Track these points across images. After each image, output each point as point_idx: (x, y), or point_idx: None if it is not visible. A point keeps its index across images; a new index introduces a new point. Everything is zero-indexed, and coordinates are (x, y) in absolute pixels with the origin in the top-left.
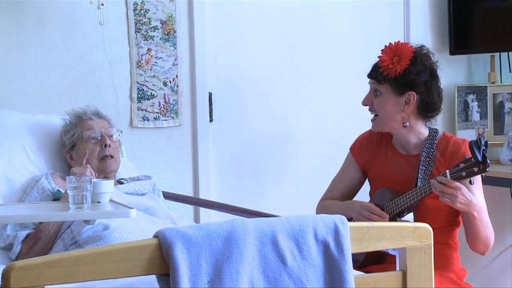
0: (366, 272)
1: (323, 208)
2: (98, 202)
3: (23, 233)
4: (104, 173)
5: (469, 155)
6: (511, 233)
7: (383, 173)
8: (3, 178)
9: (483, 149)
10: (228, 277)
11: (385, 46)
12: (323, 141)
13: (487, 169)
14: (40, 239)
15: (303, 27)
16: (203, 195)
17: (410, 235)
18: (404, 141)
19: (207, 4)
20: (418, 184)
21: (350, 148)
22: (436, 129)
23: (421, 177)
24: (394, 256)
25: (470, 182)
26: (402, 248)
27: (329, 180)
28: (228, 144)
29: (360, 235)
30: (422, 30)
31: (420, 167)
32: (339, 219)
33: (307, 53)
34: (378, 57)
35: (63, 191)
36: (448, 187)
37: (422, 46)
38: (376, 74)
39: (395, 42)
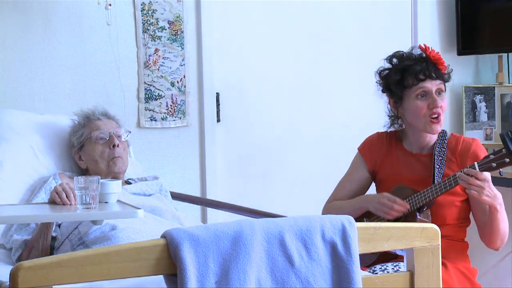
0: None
1: (330, 209)
2: (106, 202)
3: (20, 239)
4: (112, 174)
5: (479, 153)
6: None
7: (394, 174)
8: (11, 178)
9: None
10: (235, 277)
11: (425, 46)
12: (331, 141)
13: None
14: (33, 248)
15: (310, 27)
16: (210, 196)
17: (417, 235)
18: (422, 141)
19: (215, 5)
20: (435, 181)
21: (358, 149)
22: (443, 129)
23: (437, 174)
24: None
25: (500, 173)
26: (409, 248)
27: (337, 180)
28: (236, 144)
29: (368, 235)
30: (430, 30)
31: (435, 165)
32: (347, 220)
33: (315, 53)
34: (432, 56)
35: None
36: (476, 178)
37: None
38: (437, 73)
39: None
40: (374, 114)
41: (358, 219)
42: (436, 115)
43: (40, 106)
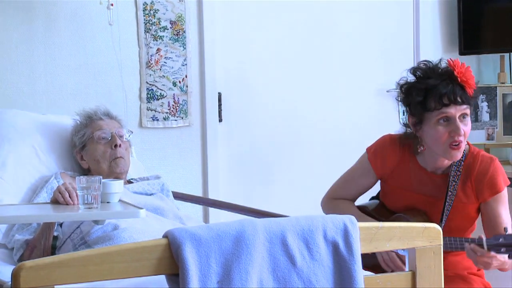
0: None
1: (336, 209)
2: (108, 202)
3: (22, 239)
4: (114, 174)
5: (495, 182)
6: None
7: (404, 188)
8: (13, 178)
9: None
10: (237, 277)
11: (454, 62)
12: (332, 141)
13: None
14: (35, 247)
15: (312, 27)
16: (212, 195)
17: (419, 235)
18: (440, 163)
19: (217, 5)
20: (446, 205)
21: (368, 154)
22: None
23: (449, 200)
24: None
25: (509, 257)
26: (411, 248)
27: None
28: (237, 144)
29: (370, 235)
30: (432, 30)
31: (450, 187)
32: (349, 219)
33: (316, 53)
34: (460, 75)
35: None
36: (483, 256)
37: None
38: (464, 97)
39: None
40: (375, 115)
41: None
42: (457, 144)
43: (42, 106)
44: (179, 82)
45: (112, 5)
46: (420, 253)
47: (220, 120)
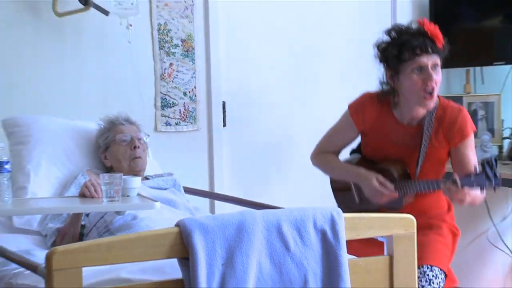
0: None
1: (323, 162)
2: (128, 196)
3: (54, 227)
4: (133, 171)
5: (464, 129)
6: (482, 223)
7: (382, 140)
8: (46, 175)
9: (495, 170)
10: (239, 260)
11: (423, 20)
12: None
13: (499, 186)
14: (66, 235)
15: (302, 46)
16: (217, 190)
17: (396, 224)
18: (414, 113)
19: (221, 25)
20: (421, 152)
21: (349, 108)
22: None
23: (423, 147)
24: None
25: (481, 190)
26: (389, 235)
27: (326, 178)
28: (240, 146)
29: (353, 224)
30: None
31: (424, 138)
32: (335, 211)
33: (306, 68)
34: (430, 30)
35: None
36: (456, 192)
37: None
38: (434, 48)
39: (423, 19)
40: None
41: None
42: (430, 90)
43: (71, 113)
44: (189, 92)
45: (131, 25)
46: (397, 239)
47: (224, 125)
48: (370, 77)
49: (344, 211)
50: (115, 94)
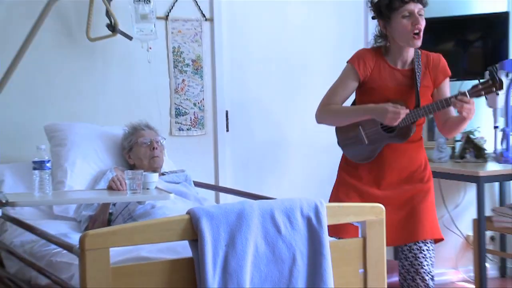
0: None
1: (332, 110)
2: (147, 188)
3: (86, 214)
4: (152, 168)
5: (447, 68)
6: (439, 210)
7: (382, 84)
8: (80, 172)
9: (498, 73)
10: (239, 242)
11: None
12: (308, 144)
13: (503, 88)
14: (97, 221)
15: (290, 64)
16: (221, 183)
17: (369, 212)
18: (405, 55)
19: (225, 48)
20: (417, 90)
21: (349, 62)
22: (416, 49)
23: (418, 86)
24: None
25: (486, 98)
26: (363, 221)
27: (314, 172)
28: (240, 147)
29: (333, 212)
30: None
31: (416, 78)
32: (319, 201)
33: (294, 81)
34: None
35: None
36: (466, 103)
37: None
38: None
39: None
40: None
41: (354, 125)
42: (417, 31)
43: (100, 120)
44: (198, 103)
45: (150, 48)
46: (369, 224)
47: (227, 130)
48: None
49: (356, 161)
50: (137, 105)
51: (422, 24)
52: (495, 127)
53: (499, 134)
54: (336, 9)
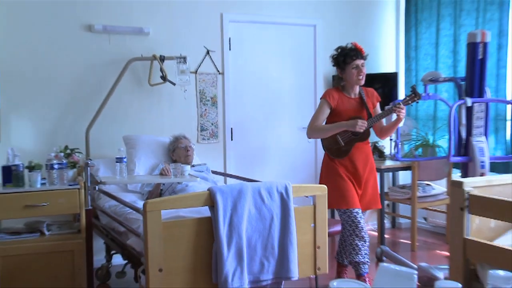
0: None
1: (317, 130)
2: (183, 175)
3: (147, 190)
4: (186, 163)
5: (377, 96)
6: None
7: (346, 109)
8: (143, 164)
9: (417, 90)
10: (239, 208)
11: (353, 44)
12: (283, 148)
13: (420, 99)
14: (153, 194)
15: (270, 97)
16: (228, 171)
17: (317, 190)
18: (355, 90)
19: (231, 90)
20: (367, 109)
21: (323, 97)
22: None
23: (366, 106)
24: None
25: (417, 101)
26: (314, 195)
27: (286, 165)
28: (240, 150)
29: (296, 190)
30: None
31: (364, 102)
32: (287, 183)
33: (273, 109)
34: (358, 48)
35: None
36: (401, 109)
37: None
38: (361, 56)
39: (356, 43)
40: (300, 140)
41: (334, 137)
42: (361, 76)
43: (156, 132)
44: (214, 123)
45: (185, 90)
46: (318, 197)
47: (232, 139)
48: (309, 109)
49: (336, 158)
50: (178, 124)
51: (364, 72)
52: (390, 139)
53: (393, 143)
54: (296, 65)
